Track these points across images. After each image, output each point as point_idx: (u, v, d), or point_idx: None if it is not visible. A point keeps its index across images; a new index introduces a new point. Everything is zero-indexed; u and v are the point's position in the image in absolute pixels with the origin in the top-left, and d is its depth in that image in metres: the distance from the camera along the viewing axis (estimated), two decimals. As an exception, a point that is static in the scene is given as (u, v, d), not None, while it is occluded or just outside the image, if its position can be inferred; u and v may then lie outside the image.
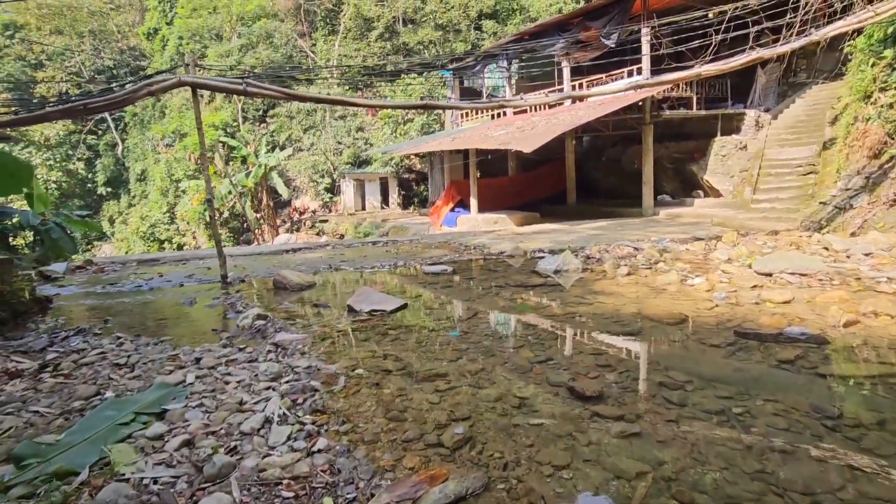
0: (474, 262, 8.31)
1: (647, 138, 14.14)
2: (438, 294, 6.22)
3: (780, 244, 8.31)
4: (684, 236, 9.94)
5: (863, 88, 10.44)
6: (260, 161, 24.21)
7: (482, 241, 10.57)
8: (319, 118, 27.36)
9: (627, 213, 14.83)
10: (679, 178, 16.85)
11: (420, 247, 10.33)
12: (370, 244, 11.09)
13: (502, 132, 14.31)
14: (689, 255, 7.86)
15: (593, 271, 7.06)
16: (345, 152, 26.44)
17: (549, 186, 19.24)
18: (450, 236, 11.78)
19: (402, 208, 26.13)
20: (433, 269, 7.45)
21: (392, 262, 8.43)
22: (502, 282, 6.71)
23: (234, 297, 6.28)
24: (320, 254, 9.87)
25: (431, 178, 22.52)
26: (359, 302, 5.42)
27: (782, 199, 12.92)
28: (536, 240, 10.28)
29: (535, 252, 8.73)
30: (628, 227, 12.11)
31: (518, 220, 15.12)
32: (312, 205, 27.08)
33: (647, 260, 7.54)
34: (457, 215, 16.78)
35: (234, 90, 6.41)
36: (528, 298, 5.87)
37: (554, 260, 7.22)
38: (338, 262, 8.59)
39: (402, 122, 24.43)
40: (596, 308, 5.34)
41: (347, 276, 7.48)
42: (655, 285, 6.09)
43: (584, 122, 12.07)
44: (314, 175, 26.44)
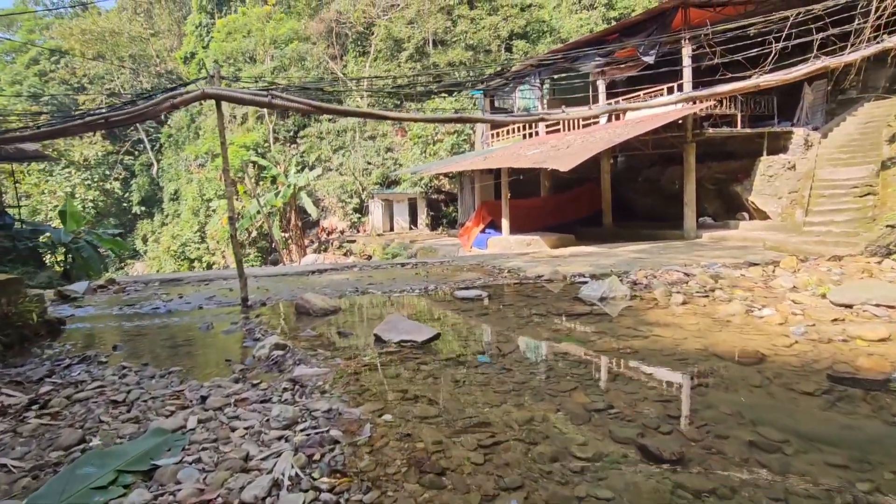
0: (509, 286, 7.75)
1: (688, 157, 13.45)
2: (474, 323, 5.67)
3: (848, 271, 7.53)
4: (736, 261, 9.20)
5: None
6: (289, 181, 24.22)
7: (516, 263, 10.00)
8: (349, 138, 27.37)
9: (668, 236, 14.07)
10: (722, 199, 16.03)
11: (451, 269, 9.82)
12: (399, 266, 10.62)
13: (535, 151, 13.81)
14: (746, 281, 7.16)
15: (643, 299, 6.42)
16: (374, 172, 26.32)
17: (583, 208, 18.60)
18: (482, 258, 11.25)
19: (431, 229, 25.75)
20: (466, 294, 6.91)
21: (422, 285, 7.93)
22: (543, 309, 6.13)
23: (254, 322, 5.84)
24: (347, 275, 9.44)
25: (461, 199, 22.12)
26: (387, 331, 4.91)
27: (838, 222, 12.02)
28: (574, 263, 9.67)
29: (575, 276, 8.12)
30: (671, 250, 11.39)
31: (552, 241, 14.51)
32: (340, 225, 26.93)
33: (700, 287, 6.87)
34: (487, 236, 16.26)
35: (260, 102, 6.08)
36: (573, 329, 5.27)
37: (598, 286, 6.61)
38: (365, 285, 8.13)
39: (432, 143, 24.20)
40: (653, 342, 4.71)
41: (375, 301, 7.00)
42: (717, 316, 5.42)
43: (623, 140, 11.50)
44: (343, 195, 26.34)
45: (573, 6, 29.21)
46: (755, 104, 15.08)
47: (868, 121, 15.41)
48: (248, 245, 26.60)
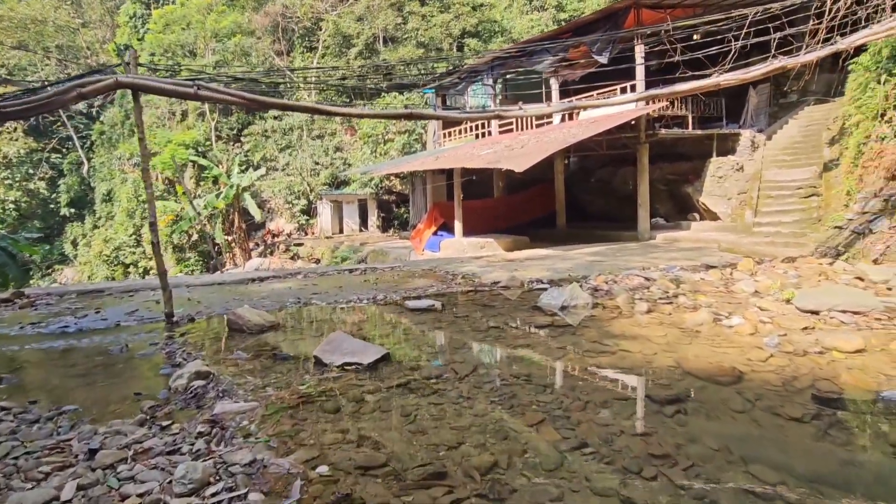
0: (464, 294, 7.28)
1: (642, 158, 13.41)
2: (426, 338, 5.16)
3: (804, 273, 7.47)
4: (692, 263, 9.08)
5: (874, 107, 9.83)
6: (232, 181, 23.02)
7: (471, 268, 9.57)
8: (296, 137, 26.34)
9: (622, 238, 14.01)
10: (673, 200, 16.17)
11: (402, 275, 9.28)
12: (346, 272, 9.99)
13: (489, 151, 13.45)
14: (707, 285, 6.96)
15: (605, 307, 6.08)
16: (322, 173, 25.40)
17: (536, 209, 18.42)
18: (434, 263, 10.75)
19: (382, 231, 25.09)
20: (418, 305, 6.40)
21: (370, 294, 7.35)
22: (500, 321, 5.69)
23: (177, 342, 5.13)
24: (290, 284, 8.75)
25: (413, 200, 21.58)
26: (329, 352, 4.33)
27: (786, 223, 12.23)
28: (531, 268, 9.32)
29: (532, 283, 7.74)
30: (627, 252, 11.24)
31: (506, 244, 14.18)
32: (287, 227, 25.86)
33: (663, 292, 6.61)
34: (440, 239, 15.79)
35: (184, 93, 5.37)
36: (534, 344, 4.85)
37: (559, 294, 6.23)
38: (308, 295, 7.48)
39: (382, 142, 23.55)
40: (621, 359, 4.34)
41: (318, 314, 6.38)
42: (685, 326, 5.13)
43: (578, 140, 11.27)
44: (289, 196, 25.30)
45: (524, 7, 29.17)
46: (705, 106, 15.26)
47: (808, 124, 15.88)
48: (189, 249, 25.17)
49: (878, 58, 10.67)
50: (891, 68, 10.00)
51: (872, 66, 10.78)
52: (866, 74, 10.90)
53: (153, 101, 31.19)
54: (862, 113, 10.40)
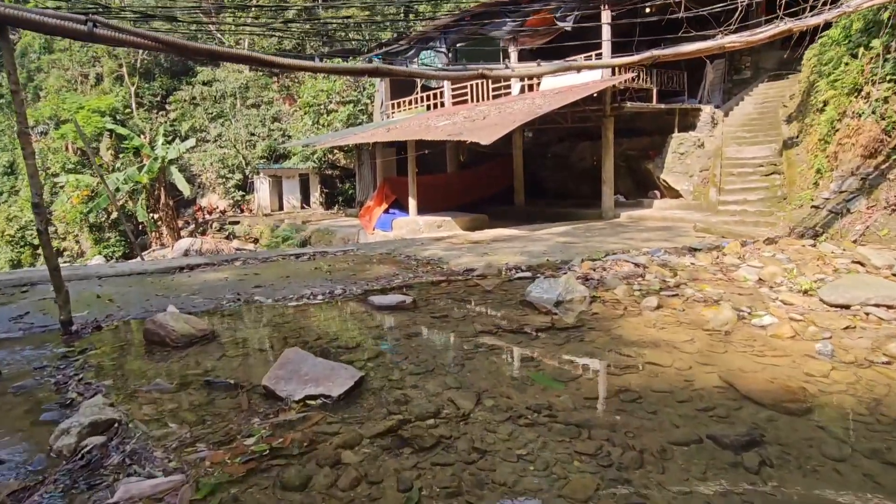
0: (436, 285, 6.30)
1: (607, 132, 12.75)
2: (404, 351, 4.15)
3: (795, 257, 6.97)
4: (671, 245, 8.50)
5: (850, 82, 9.48)
6: (156, 153, 20.76)
7: (434, 251, 8.58)
8: (229, 105, 24.14)
9: (586, 216, 13.40)
10: (632, 177, 15.72)
11: (358, 261, 8.17)
12: (292, 258, 8.75)
13: (446, 122, 12.38)
14: (704, 273, 6.31)
15: (605, 302, 5.28)
16: (258, 145, 23.47)
17: (491, 185, 17.58)
18: (390, 245, 9.68)
19: (325, 208, 23.60)
20: (385, 301, 5.36)
21: (326, 287, 6.23)
22: (489, 322, 4.77)
23: (74, 366, 3.87)
24: (227, 273, 7.46)
25: (360, 175, 20.22)
26: (284, 378, 3.26)
27: (752, 201, 11.95)
28: (501, 251, 8.44)
29: (511, 270, 6.86)
30: (596, 232, 10.58)
31: (465, 223, 13.27)
32: (221, 204, 23.86)
33: (661, 282, 5.89)
34: (392, 217, 14.68)
35: (73, 32, 4.00)
36: (539, 357, 3.96)
37: (551, 286, 5.36)
38: (250, 289, 6.27)
39: (325, 113, 21.88)
40: (653, 376, 3.52)
41: (264, 316, 5.21)
42: (709, 327, 4.38)
43: (546, 112, 10.41)
44: (223, 170, 23.25)
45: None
46: (668, 79, 14.75)
47: (764, 101, 15.75)
48: (108, 228, 22.71)
49: (849, 32, 10.36)
50: (863, 42, 9.68)
51: (843, 39, 10.47)
52: (837, 49, 10.59)
53: (61, 60, 27.82)
54: (834, 88, 10.07)
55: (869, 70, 9.25)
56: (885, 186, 8.51)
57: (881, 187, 8.56)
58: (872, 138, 8.80)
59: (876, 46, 9.28)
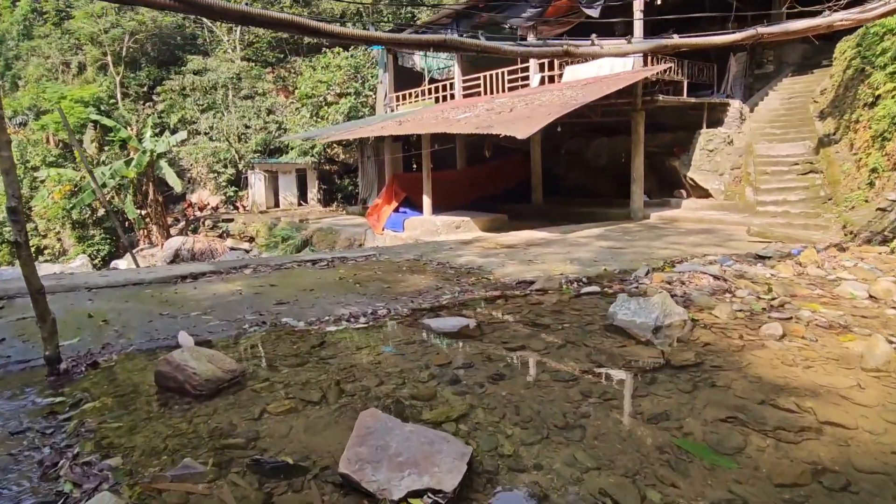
0: (492, 302, 5.39)
1: (637, 127, 11.92)
2: (496, 404, 3.24)
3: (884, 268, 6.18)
4: (725, 250, 7.72)
5: (918, 74, 8.73)
6: (144, 146, 19.54)
7: (470, 258, 7.68)
8: (221, 96, 22.93)
9: (613, 216, 12.57)
10: (655, 175, 14.90)
11: (385, 269, 7.23)
12: (309, 264, 7.79)
13: (467, 115, 11.45)
14: (797, 287, 5.47)
15: (706, 326, 4.41)
16: (253, 138, 22.32)
17: (502, 182, 16.70)
18: (417, 250, 8.75)
19: (324, 205, 22.55)
20: (445, 327, 4.44)
21: (363, 304, 5.30)
22: (581, 356, 3.89)
23: (65, 429, 2.90)
24: (238, 284, 6.48)
25: (363, 171, 19.19)
26: (370, 460, 2.33)
27: (793, 202, 11.19)
28: (545, 258, 7.56)
29: (571, 283, 5.97)
30: (634, 235, 9.76)
31: (484, 223, 12.38)
32: (212, 200, 22.69)
33: (756, 299, 5.05)
34: (404, 217, 13.73)
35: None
36: (669, 410, 3.08)
37: (642, 308, 4.48)
38: (272, 306, 5.31)
39: (325, 105, 20.79)
40: (841, 443, 2.67)
41: (302, 347, 4.25)
42: (868, 365, 3.52)
43: (582, 103, 9.52)
44: (215, 165, 22.09)
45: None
46: (698, 72, 13.95)
47: (790, 96, 15.04)
48: (93, 225, 21.46)
49: (908, 19, 9.62)
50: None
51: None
52: (892, 39, 9.84)
53: (41, 48, 26.36)
54: (895, 81, 9.32)
55: (939, 61, 8.51)
56: (962, 188, 7.78)
57: (958, 189, 7.82)
58: (947, 135, 8.05)
59: (945, 35, 8.54)
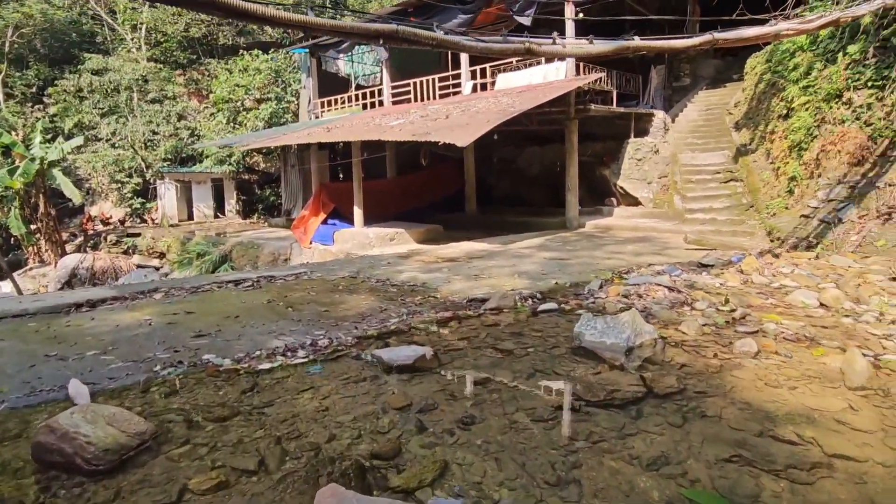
0: (446, 325, 4.90)
1: (571, 136, 11.94)
2: (472, 458, 2.74)
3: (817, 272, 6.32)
4: (667, 259, 7.74)
5: (829, 88, 9.21)
6: (33, 153, 17.42)
7: (412, 273, 7.16)
8: (124, 100, 20.99)
9: (547, 225, 12.49)
10: (586, 183, 15.03)
11: (321, 290, 6.55)
12: (231, 285, 6.95)
13: (400, 122, 10.94)
14: (750, 296, 5.41)
15: (681, 345, 4.16)
16: (162, 145, 20.59)
17: (436, 192, 16.31)
18: (352, 266, 8.10)
19: (243, 217, 21.18)
20: (398, 358, 3.89)
21: (301, 334, 4.64)
22: (556, 388, 3.49)
23: None
24: (147, 312, 5.58)
25: (286, 181, 18.14)
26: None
27: (718, 209, 11.58)
28: (491, 271, 7.18)
29: (524, 299, 5.60)
30: (575, 244, 9.65)
31: (420, 234, 11.89)
32: (117, 213, 20.68)
33: (716, 311, 4.91)
34: (333, 229, 12.99)
35: None
36: (666, 452, 2.74)
37: (610, 328, 4.16)
38: (189, 340, 4.53)
39: (244, 110, 19.52)
40: (856, 480, 2.43)
41: (229, 393, 3.54)
42: (853, 384, 3.36)
43: (520, 111, 9.31)
44: (118, 174, 20.15)
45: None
46: (626, 82, 14.26)
47: (707, 107, 15.77)
48: (-30, 243, 18.85)
49: (815, 37, 10.20)
50: (836, 47, 9.49)
51: (810, 45, 10.31)
52: (804, 55, 10.41)
53: None
54: (808, 94, 9.83)
55: (847, 76, 9.03)
56: (874, 195, 8.22)
57: (870, 196, 8.26)
58: (859, 145, 8.52)
59: (851, 52, 9.09)
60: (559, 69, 11.43)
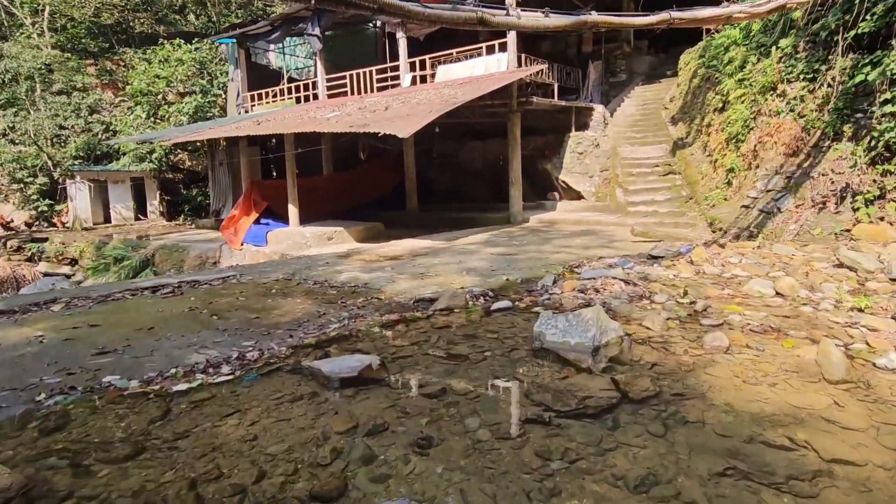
0: (392, 328, 4.42)
1: (514, 129, 11.70)
2: (434, 492, 2.29)
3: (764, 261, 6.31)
4: (614, 252, 7.60)
5: (764, 81, 9.39)
6: (-86, 150, 15.40)
7: (353, 273, 6.62)
8: (25, 90, 19.01)
9: (492, 221, 12.21)
10: (528, 178, 14.88)
11: (251, 294, 5.90)
12: (148, 292, 6.15)
13: (336, 114, 10.30)
14: (708, 288, 5.26)
15: (647, 342, 3.88)
16: (72, 141, 18.81)
17: (375, 188, 15.72)
18: (287, 267, 7.44)
19: (168, 219, 19.72)
20: (341, 370, 3.37)
21: (227, 346, 4.02)
22: (518, 398, 3.11)
23: None
24: (40, 328, 4.75)
25: (214, 179, 16.97)
26: None
27: (660, 202, 11.69)
28: (437, 269, 6.75)
29: (474, 298, 5.20)
30: (521, 239, 9.39)
31: (360, 233, 11.30)
32: (19, 216, 18.73)
33: (677, 303, 4.70)
34: (266, 229, 12.16)
35: None
36: (653, 468, 2.40)
37: (572, 326, 3.83)
38: (88, 358, 3.82)
39: (166, 104, 18.10)
40: (861, 488, 2.21)
41: (133, 424, 2.91)
42: (832, 377, 3.16)
43: (463, 102, 8.93)
44: (19, 173, 18.23)
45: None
46: (566, 76, 14.20)
47: (644, 102, 16.05)
48: None
49: (747, 32, 10.45)
50: (768, 41, 9.71)
51: (743, 40, 10.54)
52: (738, 49, 10.63)
53: None
54: (744, 87, 10.02)
55: (780, 69, 9.24)
56: (809, 184, 8.41)
57: (806, 185, 8.45)
58: (793, 136, 8.71)
59: (783, 46, 9.31)
60: (500, 60, 11.17)
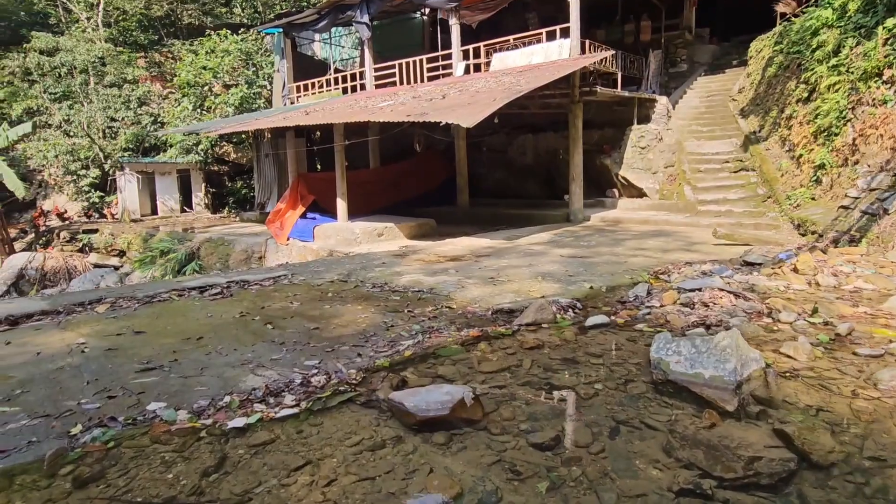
0: (474, 348, 3.80)
1: (576, 121, 10.94)
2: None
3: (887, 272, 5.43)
4: (698, 255, 6.85)
5: (867, 66, 8.34)
6: (-28, 141, 15.67)
7: (414, 276, 6.04)
8: (80, 83, 19.21)
9: (550, 218, 11.48)
10: (585, 174, 14.09)
11: (306, 297, 5.38)
12: (195, 292, 5.72)
13: (390, 103, 9.75)
14: (839, 304, 4.45)
15: (793, 375, 3.15)
16: (122, 133, 18.92)
17: (424, 182, 15.16)
18: (341, 266, 6.93)
19: (213, 212, 19.68)
20: (428, 408, 2.77)
21: (287, 364, 3.49)
22: (659, 453, 2.43)
23: None
24: (84, 333, 4.34)
25: (259, 172, 16.73)
26: None
27: (733, 201, 10.73)
28: (507, 273, 6.11)
29: (563, 309, 4.53)
30: (589, 240, 8.65)
31: (410, 230, 10.76)
32: (72, 208, 18.98)
33: (811, 325, 3.93)
34: (313, 223, 11.74)
35: None
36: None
37: (702, 354, 3.13)
38: (130, 378, 3.34)
39: (212, 95, 17.98)
40: None
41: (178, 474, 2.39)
42: None
43: (529, 90, 8.22)
44: (73, 165, 18.44)
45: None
46: (630, 64, 13.29)
47: (708, 94, 14.99)
48: None
49: (843, 12, 9.37)
50: (870, 22, 8.64)
51: (838, 21, 9.47)
52: (831, 32, 9.57)
53: None
54: (839, 75, 8.97)
55: (886, 52, 8.18)
56: (923, 183, 7.40)
57: (919, 184, 7.44)
58: (904, 128, 7.69)
59: (889, 26, 8.24)
60: (562, 47, 10.40)
